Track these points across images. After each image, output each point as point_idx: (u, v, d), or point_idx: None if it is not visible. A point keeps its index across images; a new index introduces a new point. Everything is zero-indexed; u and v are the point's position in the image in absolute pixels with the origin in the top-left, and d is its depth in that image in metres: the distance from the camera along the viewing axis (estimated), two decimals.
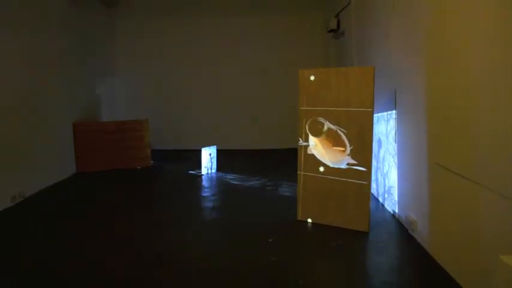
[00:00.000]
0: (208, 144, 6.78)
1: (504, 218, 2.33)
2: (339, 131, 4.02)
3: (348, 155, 3.99)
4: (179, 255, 3.59)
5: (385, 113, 4.63)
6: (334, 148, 4.06)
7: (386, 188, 4.67)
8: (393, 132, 4.38)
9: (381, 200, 4.88)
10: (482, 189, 2.56)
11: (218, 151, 6.84)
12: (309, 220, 4.26)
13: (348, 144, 3.98)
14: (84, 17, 7.19)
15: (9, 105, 4.99)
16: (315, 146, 4.18)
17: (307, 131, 4.20)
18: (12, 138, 5.02)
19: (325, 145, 4.11)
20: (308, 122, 4.19)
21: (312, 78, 4.16)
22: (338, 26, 7.20)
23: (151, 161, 7.25)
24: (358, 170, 3.94)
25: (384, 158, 4.74)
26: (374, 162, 4.87)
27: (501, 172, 2.35)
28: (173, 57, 8.69)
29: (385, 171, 4.70)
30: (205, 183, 6.11)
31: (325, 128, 4.08)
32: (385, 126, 4.66)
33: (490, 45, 2.49)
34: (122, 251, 3.67)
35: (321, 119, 4.11)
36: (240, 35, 8.62)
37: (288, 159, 5.96)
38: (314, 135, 4.17)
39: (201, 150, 6.54)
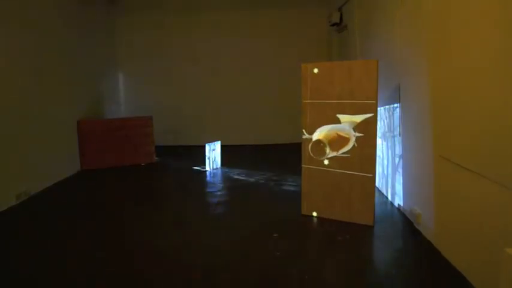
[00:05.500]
0: (212, 139, 6.78)
1: (509, 210, 2.31)
2: (339, 133, 4.00)
3: (354, 144, 3.96)
4: (183, 251, 3.60)
5: (389, 106, 4.60)
6: (341, 152, 4.04)
7: (391, 181, 4.65)
8: (397, 125, 4.35)
9: (385, 193, 4.86)
10: (488, 181, 2.54)
11: (222, 146, 6.85)
12: (314, 214, 4.25)
13: (351, 137, 3.96)
14: (85, 13, 7.18)
15: (13, 103, 5.00)
16: None
17: (312, 155, 4.18)
18: (16, 136, 5.04)
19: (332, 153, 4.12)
20: (310, 146, 4.17)
21: (316, 71, 4.13)
22: (341, 19, 7.15)
23: (156, 158, 7.26)
24: (363, 157, 3.92)
25: (388, 151, 4.72)
26: (378, 155, 4.84)
27: (506, 164, 2.33)
28: (175, 53, 8.67)
29: (389, 165, 4.67)
30: (209, 178, 6.12)
31: (328, 150, 4.06)
32: (390, 120, 4.63)
33: (496, 37, 2.46)
34: (126, 248, 3.69)
35: (320, 138, 4.08)
36: (242, 29, 8.59)
37: (292, 154, 5.94)
38: (319, 157, 4.15)
39: (205, 146, 6.54)
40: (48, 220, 4.45)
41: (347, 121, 3.98)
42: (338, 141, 4.04)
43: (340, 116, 4.02)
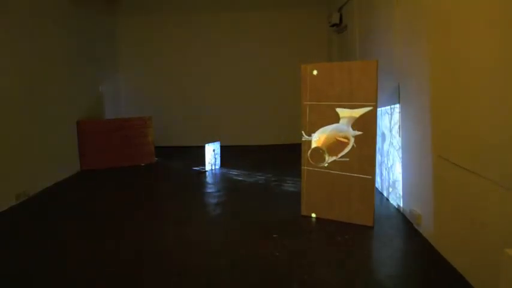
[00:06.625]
0: (211, 140, 6.78)
1: (509, 210, 2.32)
2: (338, 138, 4.01)
3: (353, 145, 3.97)
4: (183, 251, 3.60)
5: (389, 107, 4.60)
6: (340, 156, 4.05)
7: (390, 182, 4.65)
8: (397, 126, 4.36)
9: (385, 194, 4.86)
10: (487, 182, 2.55)
11: (221, 147, 6.85)
12: (313, 215, 4.26)
13: (350, 141, 3.96)
14: (85, 14, 7.18)
15: (13, 104, 5.01)
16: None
17: (311, 162, 4.19)
18: (16, 136, 5.05)
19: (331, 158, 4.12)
20: (309, 153, 4.18)
21: (315, 72, 4.14)
22: (340, 20, 7.15)
23: (156, 158, 7.26)
24: (362, 158, 3.92)
25: (388, 152, 4.73)
26: (378, 156, 4.85)
27: (506, 165, 2.33)
28: (175, 53, 8.69)
29: (389, 165, 4.68)
30: (209, 179, 6.12)
31: (327, 157, 4.07)
32: (389, 120, 4.64)
33: (495, 37, 2.47)
34: (126, 248, 3.69)
35: (319, 146, 4.10)
36: (242, 31, 8.60)
37: (291, 155, 5.96)
38: (318, 163, 4.16)
39: (204, 147, 6.54)
40: (48, 220, 4.45)
41: (346, 116, 3.98)
42: (337, 146, 4.04)
43: (339, 110, 4.02)
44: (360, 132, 3.92)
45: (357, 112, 3.92)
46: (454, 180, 3.07)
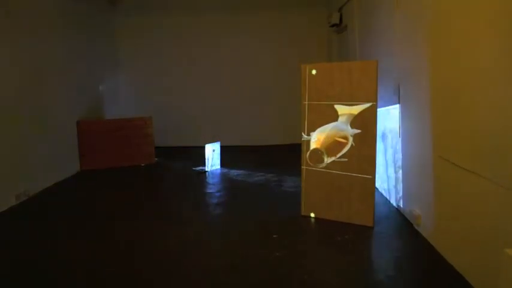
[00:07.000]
0: (211, 140, 6.78)
1: (509, 210, 2.32)
2: (337, 139, 4.01)
3: (352, 144, 3.97)
4: (183, 251, 3.60)
5: (389, 107, 4.60)
6: (339, 156, 4.05)
7: (390, 182, 4.65)
8: (397, 126, 4.36)
9: (385, 194, 4.86)
10: (487, 182, 2.54)
11: (221, 147, 6.84)
12: (313, 215, 4.26)
13: (348, 140, 3.96)
14: (85, 14, 7.19)
15: (14, 104, 5.01)
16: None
17: (310, 162, 4.19)
18: (16, 136, 5.05)
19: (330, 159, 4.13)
20: (308, 155, 4.19)
21: (314, 72, 4.14)
22: (340, 20, 7.15)
23: (156, 158, 7.26)
24: (361, 158, 3.92)
25: (388, 152, 4.72)
26: (378, 157, 4.85)
27: (506, 165, 2.33)
28: (175, 53, 8.68)
29: (389, 165, 4.68)
30: (209, 179, 6.12)
31: (326, 158, 4.08)
32: (389, 121, 4.63)
33: (496, 37, 2.47)
34: (126, 248, 3.69)
35: (318, 147, 4.10)
36: (242, 31, 8.59)
37: (291, 155, 5.95)
38: (317, 165, 4.16)
39: (204, 147, 6.54)
40: (48, 220, 4.45)
41: (345, 113, 3.98)
42: (336, 146, 4.04)
43: (338, 108, 4.02)
44: (358, 131, 3.92)
45: (356, 109, 3.92)
46: (454, 180, 3.07)
